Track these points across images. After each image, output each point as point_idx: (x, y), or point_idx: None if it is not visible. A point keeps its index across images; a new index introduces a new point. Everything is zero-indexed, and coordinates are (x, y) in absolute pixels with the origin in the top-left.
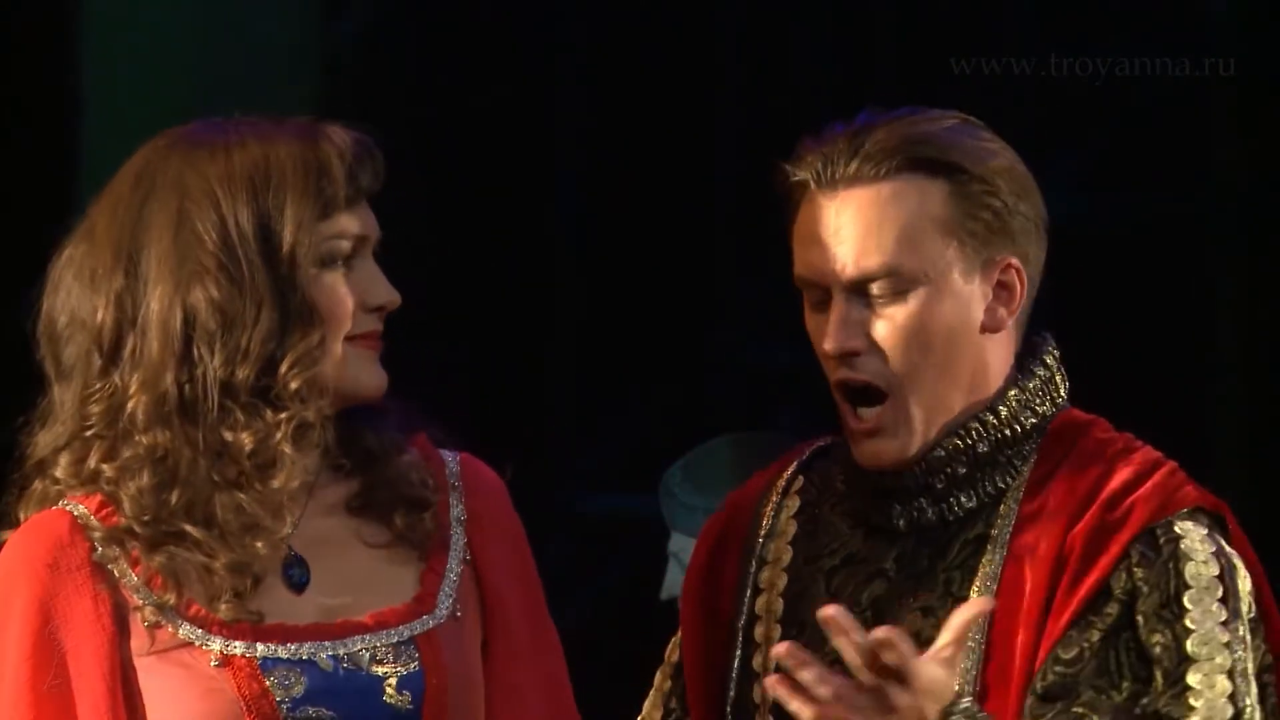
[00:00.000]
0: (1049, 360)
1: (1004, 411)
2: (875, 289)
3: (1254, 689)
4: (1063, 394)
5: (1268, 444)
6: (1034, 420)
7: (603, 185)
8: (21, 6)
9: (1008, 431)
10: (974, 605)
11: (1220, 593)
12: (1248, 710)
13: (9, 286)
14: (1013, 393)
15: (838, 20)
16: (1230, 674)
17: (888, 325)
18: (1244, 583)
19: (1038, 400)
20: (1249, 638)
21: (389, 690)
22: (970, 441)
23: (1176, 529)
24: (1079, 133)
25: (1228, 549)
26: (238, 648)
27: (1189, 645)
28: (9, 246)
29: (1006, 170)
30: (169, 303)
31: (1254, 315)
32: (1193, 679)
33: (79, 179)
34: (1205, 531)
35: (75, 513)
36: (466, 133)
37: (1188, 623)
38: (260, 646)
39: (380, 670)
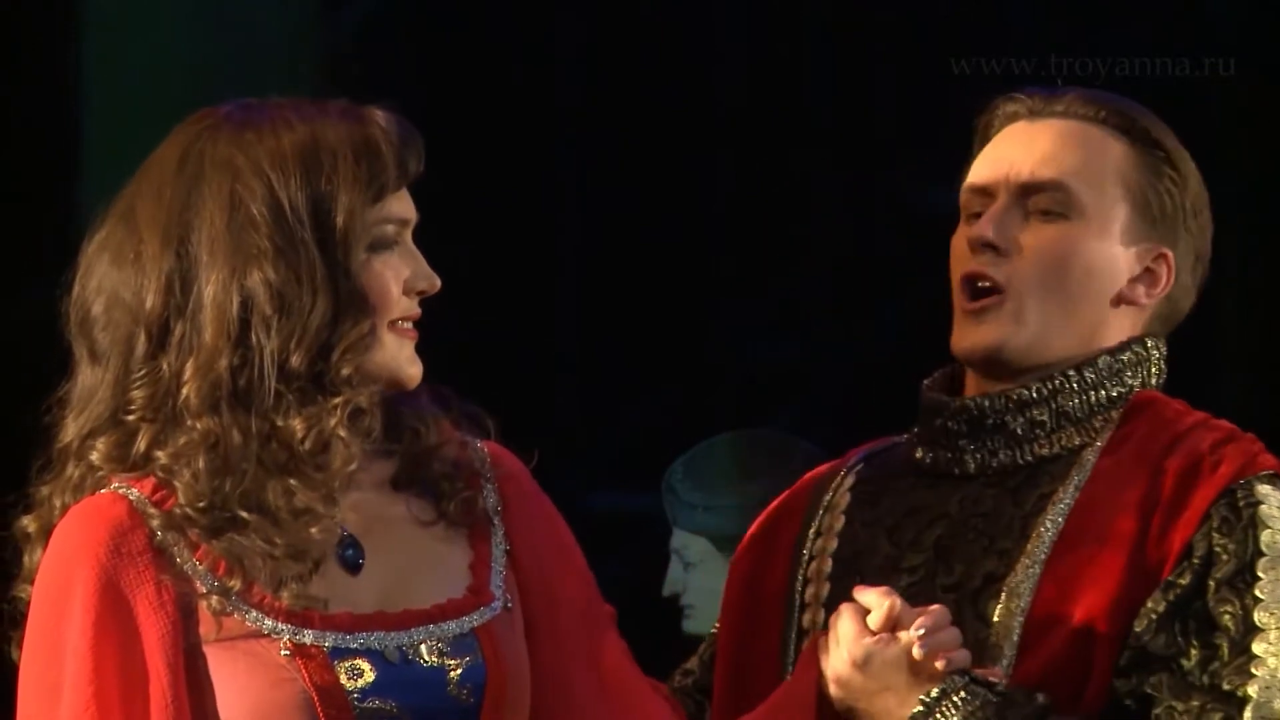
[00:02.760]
0: (1151, 346)
1: (1090, 374)
2: (1039, 202)
3: None
4: (1153, 381)
5: (1269, 445)
6: (1121, 390)
7: (604, 182)
8: (22, 6)
9: (1093, 394)
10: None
11: None
12: None
13: (9, 284)
14: (1104, 359)
15: (838, 20)
16: None
17: (1036, 238)
18: None
19: (1129, 373)
20: None
21: (452, 684)
22: (1054, 388)
23: (1257, 493)
24: None
25: None
26: (307, 637)
27: (1256, 615)
28: (9, 245)
29: (1197, 185)
30: (224, 286)
31: (1254, 315)
32: (1258, 647)
33: (79, 178)
34: None
35: (131, 497)
36: (466, 127)
37: (1258, 592)
38: (329, 636)
39: (443, 663)
